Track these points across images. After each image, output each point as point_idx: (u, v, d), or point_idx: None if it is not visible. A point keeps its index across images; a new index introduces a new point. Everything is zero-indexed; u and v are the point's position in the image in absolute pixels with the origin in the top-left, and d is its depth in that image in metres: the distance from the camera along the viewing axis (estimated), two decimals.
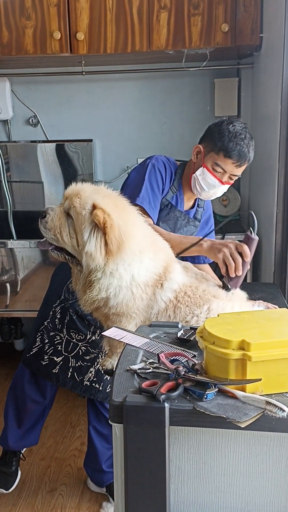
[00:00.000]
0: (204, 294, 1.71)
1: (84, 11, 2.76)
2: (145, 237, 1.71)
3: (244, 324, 1.13)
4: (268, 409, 0.98)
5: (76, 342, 2.14)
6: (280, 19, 2.33)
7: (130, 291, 1.65)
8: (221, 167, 1.97)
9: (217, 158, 1.96)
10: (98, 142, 3.41)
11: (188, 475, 1.08)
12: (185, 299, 1.69)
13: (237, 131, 1.93)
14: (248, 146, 1.95)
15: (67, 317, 2.12)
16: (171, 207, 2.10)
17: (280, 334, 1.08)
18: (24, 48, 2.82)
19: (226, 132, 1.93)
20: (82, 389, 2.18)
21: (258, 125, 2.97)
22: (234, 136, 1.92)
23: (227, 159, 1.95)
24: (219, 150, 1.94)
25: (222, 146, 1.93)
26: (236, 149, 1.92)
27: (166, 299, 1.69)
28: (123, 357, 1.22)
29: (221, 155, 1.94)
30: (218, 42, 2.75)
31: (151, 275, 1.68)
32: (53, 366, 2.16)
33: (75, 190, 1.68)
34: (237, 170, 1.99)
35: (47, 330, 2.16)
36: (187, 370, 1.10)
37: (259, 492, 1.07)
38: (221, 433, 1.04)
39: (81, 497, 2.38)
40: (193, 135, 3.39)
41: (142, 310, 1.69)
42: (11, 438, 2.33)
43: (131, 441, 1.02)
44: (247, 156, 1.96)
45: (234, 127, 1.94)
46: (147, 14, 2.75)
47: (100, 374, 2.16)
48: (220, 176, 1.99)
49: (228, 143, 1.92)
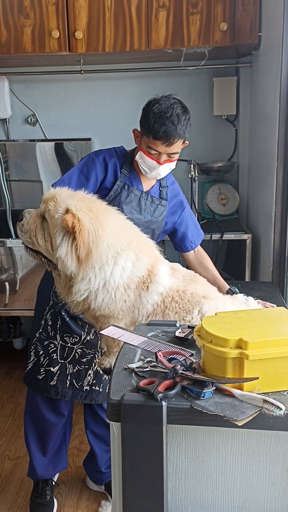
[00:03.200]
0: (193, 298, 1.68)
1: (82, 9, 2.76)
2: (120, 239, 1.67)
3: (242, 322, 1.13)
4: (265, 408, 0.99)
5: (71, 346, 2.11)
6: (278, 18, 2.33)
7: (109, 294, 1.64)
8: (153, 149, 1.91)
9: (148, 141, 1.91)
10: (96, 141, 3.41)
11: (185, 473, 1.08)
12: (173, 305, 1.67)
13: (162, 111, 1.86)
14: (175, 123, 1.86)
15: (59, 322, 2.09)
16: (129, 187, 2.05)
17: (278, 333, 1.08)
18: (22, 46, 2.82)
19: (151, 114, 1.87)
20: (82, 396, 2.13)
21: (256, 123, 2.97)
22: (158, 116, 1.85)
23: (156, 141, 1.88)
24: (148, 133, 1.89)
25: (148, 129, 1.88)
26: (161, 130, 1.85)
27: (152, 302, 1.68)
28: (121, 356, 1.22)
29: (150, 137, 1.89)
30: (216, 41, 2.75)
31: (132, 277, 1.66)
32: (50, 378, 2.11)
33: (51, 193, 1.70)
34: (171, 148, 1.92)
35: (41, 341, 2.13)
36: (185, 369, 1.10)
37: (256, 490, 1.07)
38: (219, 432, 1.04)
39: (79, 495, 2.39)
40: (192, 134, 3.38)
41: (126, 311, 1.68)
42: (39, 468, 2.26)
43: (128, 439, 1.02)
44: (174, 134, 1.87)
45: (159, 107, 1.87)
46: (146, 13, 2.75)
47: (99, 375, 2.15)
48: (156, 157, 1.93)
49: (153, 125, 1.86)
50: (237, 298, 1.80)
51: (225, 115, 3.30)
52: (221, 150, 3.36)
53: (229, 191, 3.20)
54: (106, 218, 1.67)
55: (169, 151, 1.92)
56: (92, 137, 3.38)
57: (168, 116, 1.85)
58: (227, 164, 3.26)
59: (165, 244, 3.01)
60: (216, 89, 3.23)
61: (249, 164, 3.23)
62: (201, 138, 3.36)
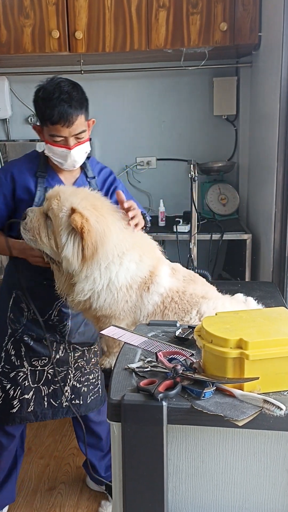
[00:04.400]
0: (192, 298, 1.69)
1: (82, 10, 2.76)
2: (125, 239, 1.68)
3: (242, 322, 1.13)
4: (265, 408, 0.99)
5: (41, 369, 2.01)
6: (278, 18, 2.33)
7: (111, 294, 1.64)
8: (57, 135, 1.79)
9: (49, 129, 1.79)
10: (97, 141, 3.41)
11: (186, 474, 1.08)
12: (172, 306, 1.68)
13: (49, 93, 1.77)
14: (66, 100, 1.75)
15: (22, 349, 1.99)
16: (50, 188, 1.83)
17: (278, 333, 1.08)
18: (22, 47, 2.81)
19: (40, 101, 1.79)
20: (63, 412, 2.06)
21: (256, 123, 2.97)
22: (47, 100, 1.76)
23: (56, 126, 1.77)
24: (45, 121, 1.79)
25: (43, 116, 1.78)
26: (55, 112, 1.74)
27: (153, 302, 1.68)
28: (121, 356, 1.22)
29: (49, 125, 1.78)
30: (216, 41, 2.75)
31: (135, 277, 1.66)
32: (27, 405, 2.01)
33: (54, 191, 1.69)
34: (74, 129, 1.79)
35: (5, 374, 2.00)
36: (185, 369, 1.10)
37: (256, 490, 1.07)
38: (219, 432, 1.04)
39: (80, 495, 2.39)
40: (192, 134, 3.40)
41: (128, 312, 1.68)
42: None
43: (129, 439, 1.03)
44: (70, 112, 1.76)
45: (45, 91, 1.79)
46: (146, 13, 2.75)
47: (76, 389, 2.06)
48: (63, 143, 1.81)
49: (45, 111, 1.76)
50: (236, 298, 1.80)
51: (225, 115, 3.30)
52: (221, 150, 3.36)
53: (229, 191, 3.20)
54: (111, 217, 1.67)
55: (74, 132, 1.80)
56: (92, 137, 3.38)
57: (57, 96, 1.75)
58: (227, 164, 3.26)
59: (165, 243, 3.02)
60: (216, 89, 3.23)
61: (249, 164, 3.23)
62: (201, 138, 3.36)
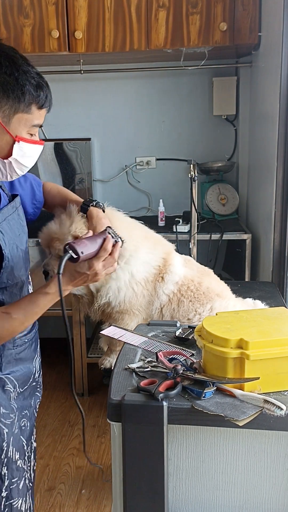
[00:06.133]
0: (208, 292, 1.71)
1: (82, 9, 2.76)
2: (135, 234, 1.68)
3: (242, 322, 1.13)
4: (266, 408, 0.99)
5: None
6: (278, 18, 2.33)
7: (131, 289, 1.65)
8: (37, 125, 1.28)
9: (31, 117, 1.25)
10: (96, 141, 3.41)
11: (186, 473, 1.08)
12: (188, 293, 1.69)
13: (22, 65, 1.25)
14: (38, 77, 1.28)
15: None
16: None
17: (278, 333, 1.08)
18: (22, 46, 2.81)
19: (20, 73, 1.22)
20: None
21: (256, 123, 2.97)
22: (31, 77, 1.25)
23: (42, 110, 1.28)
24: (28, 104, 1.23)
25: (30, 96, 1.23)
26: (41, 90, 1.26)
27: (168, 291, 1.69)
28: (121, 356, 1.22)
29: (34, 108, 1.25)
30: (216, 41, 2.75)
31: (151, 269, 1.67)
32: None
33: (47, 236, 1.62)
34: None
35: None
36: (185, 369, 1.10)
37: (257, 490, 1.07)
38: (219, 432, 1.04)
39: (79, 495, 2.38)
40: (191, 134, 3.39)
41: (144, 307, 1.69)
42: None
43: (129, 439, 1.02)
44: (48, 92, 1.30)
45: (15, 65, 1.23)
46: (146, 12, 2.75)
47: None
48: (36, 138, 1.30)
49: (34, 87, 1.25)
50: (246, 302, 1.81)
51: (225, 115, 3.30)
52: (221, 150, 3.36)
53: (228, 191, 3.20)
54: (115, 216, 1.66)
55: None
56: (92, 137, 3.38)
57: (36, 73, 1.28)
58: (226, 164, 3.26)
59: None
60: (216, 89, 3.23)
61: (248, 164, 3.23)
62: (201, 138, 3.36)
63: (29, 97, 1.23)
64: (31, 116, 1.25)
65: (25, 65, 1.25)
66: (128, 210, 3.45)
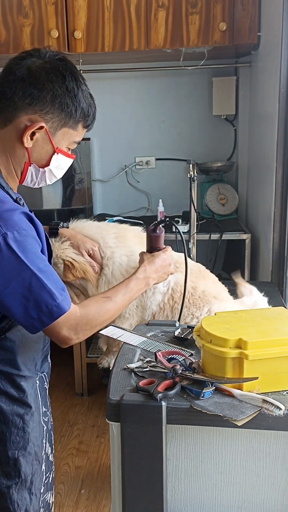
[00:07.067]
0: (204, 295, 1.69)
1: (82, 9, 2.76)
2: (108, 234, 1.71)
3: (241, 322, 1.13)
4: (264, 407, 0.99)
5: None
6: (277, 17, 2.33)
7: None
8: (77, 142, 1.32)
9: (75, 133, 1.28)
10: (96, 141, 3.41)
11: (185, 473, 1.08)
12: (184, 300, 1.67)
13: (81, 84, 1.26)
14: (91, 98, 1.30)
15: None
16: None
17: (277, 333, 1.08)
18: (21, 46, 2.81)
19: (78, 92, 1.24)
20: None
21: (256, 123, 2.97)
22: (87, 93, 1.28)
23: (84, 130, 1.31)
24: (77, 122, 1.26)
25: (82, 114, 1.26)
26: (91, 111, 1.29)
27: (157, 302, 1.68)
28: (120, 356, 1.22)
29: (80, 126, 1.28)
30: (216, 40, 2.75)
31: (130, 270, 1.65)
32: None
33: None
34: None
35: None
36: (184, 369, 1.10)
37: (255, 490, 1.07)
38: (218, 432, 1.04)
39: (79, 495, 2.38)
40: (191, 134, 3.39)
41: (134, 310, 1.68)
42: None
43: (128, 439, 1.02)
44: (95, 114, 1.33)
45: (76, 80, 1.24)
46: (145, 12, 2.75)
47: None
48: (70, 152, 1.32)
49: (87, 107, 1.27)
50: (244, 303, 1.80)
51: (224, 115, 3.30)
52: (220, 150, 3.36)
53: (228, 191, 3.20)
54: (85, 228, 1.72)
55: None
56: (92, 137, 3.38)
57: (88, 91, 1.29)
58: (226, 164, 3.26)
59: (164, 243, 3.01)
60: (215, 89, 3.23)
61: (248, 164, 3.23)
62: (200, 138, 3.36)
63: (80, 116, 1.26)
64: (75, 133, 1.29)
65: (83, 84, 1.28)
66: (127, 210, 3.49)
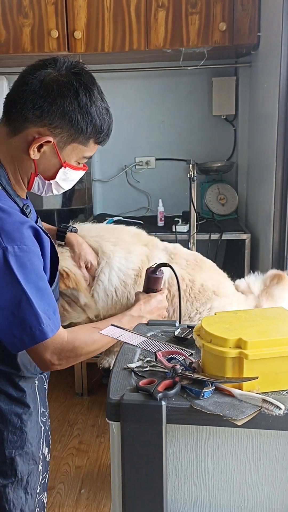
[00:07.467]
0: (204, 291, 1.68)
1: (81, 9, 2.76)
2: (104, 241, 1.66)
3: (241, 322, 1.13)
4: (264, 407, 0.99)
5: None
6: (277, 18, 2.33)
7: (111, 296, 1.65)
8: (87, 157, 1.30)
9: (86, 149, 1.26)
10: None
11: (185, 473, 1.08)
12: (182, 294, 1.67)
13: (100, 99, 1.26)
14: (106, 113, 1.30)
15: None
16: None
17: (277, 332, 1.08)
18: (21, 46, 2.82)
19: (93, 108, 1.23)
20: None
21: (255, 123, 2.98)
22: (103, 110, 1.26)
23: (96, 146, 1.29)
24: (88, 138, 1.24)
25: (94, 131, 1.24)
26: (105, 127, 1.28)
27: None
28: (120, 356, 1.22)
29: (92, 142, 1.26)
30: (216, 41, 2.75)
31: (128, 272, 1.65)
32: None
33: None
34: None
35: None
36: (184, 369, 1.10)
37: (255, 490, 1.07)
38: (218, 431, 1.04)
39: (79, 495, 2.39)
40: (191, 134, 3.40)
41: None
42: None
43: (128, 439, 1.02)
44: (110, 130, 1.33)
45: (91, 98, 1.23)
46: (145, 12, 2.75)
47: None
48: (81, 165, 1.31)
49: (100, 124, 1.25)
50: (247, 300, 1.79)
51: (224, 115, 3.30)
52: (220, 150, 3.36)
53: (228, 191, 3.20)
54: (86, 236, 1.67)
55: None
56: None
57: (107, 108, 1.29)
58: (226, 164, 3.26)
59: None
60: (215, 89, 3.23)
61: (248, 164, 3.23)
62: (200, 138, 3.36)
63: (91, 132, 1.23)
64: (85, 148, 1.26)
65: (99, 99, 1.26)
66: (127, 210, 3.49)
